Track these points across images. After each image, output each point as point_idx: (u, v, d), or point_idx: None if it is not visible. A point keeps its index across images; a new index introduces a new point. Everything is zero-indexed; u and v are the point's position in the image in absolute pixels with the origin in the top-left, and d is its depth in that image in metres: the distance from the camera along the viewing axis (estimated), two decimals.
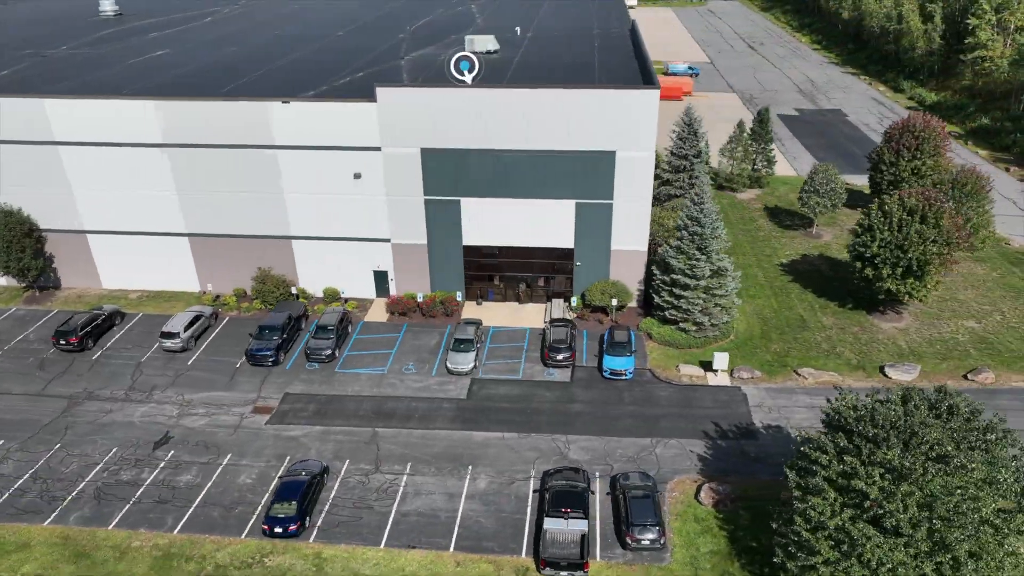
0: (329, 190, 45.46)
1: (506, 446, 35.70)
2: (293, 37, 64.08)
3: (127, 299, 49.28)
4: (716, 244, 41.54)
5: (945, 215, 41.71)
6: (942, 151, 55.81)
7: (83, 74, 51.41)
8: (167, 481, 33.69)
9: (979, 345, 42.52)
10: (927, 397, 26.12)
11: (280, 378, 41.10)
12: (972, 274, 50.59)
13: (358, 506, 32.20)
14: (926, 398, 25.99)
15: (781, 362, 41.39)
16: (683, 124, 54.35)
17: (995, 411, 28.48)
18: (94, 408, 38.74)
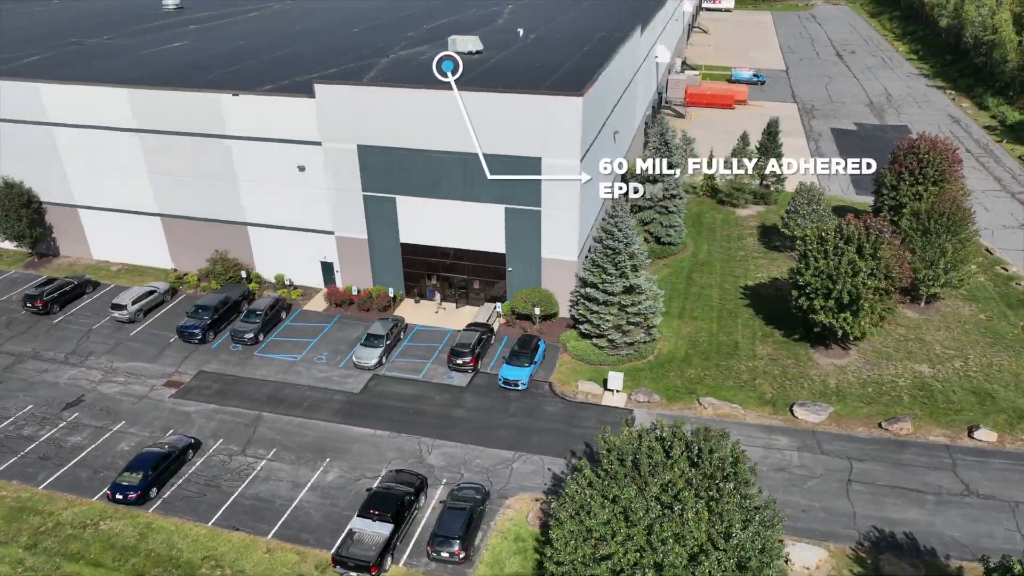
0: (278, 181, 47.39)
1: (372, 443, 36.19)
2: (307, 32, 66.73)
3: (109, 270, 53.44)
4: (630, 260, 39.99)
5: (884, 246, 38.14)
6: (950, 177, 50.85)
7: (97, 62, 55.89)
8: (57, 440, 36.59)
9: (917, 392, 38.66)
10: (684, 436, 24.33)
11: (203, 356, 43.41)
12: (955, 314, 45.90)
13: (208, 484, 33.73)
14: (683, 436, 24.22)
15: (689, 388, 39.39)
16: (657, 136, 52.38)
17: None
18: (32, 367, 42.48)
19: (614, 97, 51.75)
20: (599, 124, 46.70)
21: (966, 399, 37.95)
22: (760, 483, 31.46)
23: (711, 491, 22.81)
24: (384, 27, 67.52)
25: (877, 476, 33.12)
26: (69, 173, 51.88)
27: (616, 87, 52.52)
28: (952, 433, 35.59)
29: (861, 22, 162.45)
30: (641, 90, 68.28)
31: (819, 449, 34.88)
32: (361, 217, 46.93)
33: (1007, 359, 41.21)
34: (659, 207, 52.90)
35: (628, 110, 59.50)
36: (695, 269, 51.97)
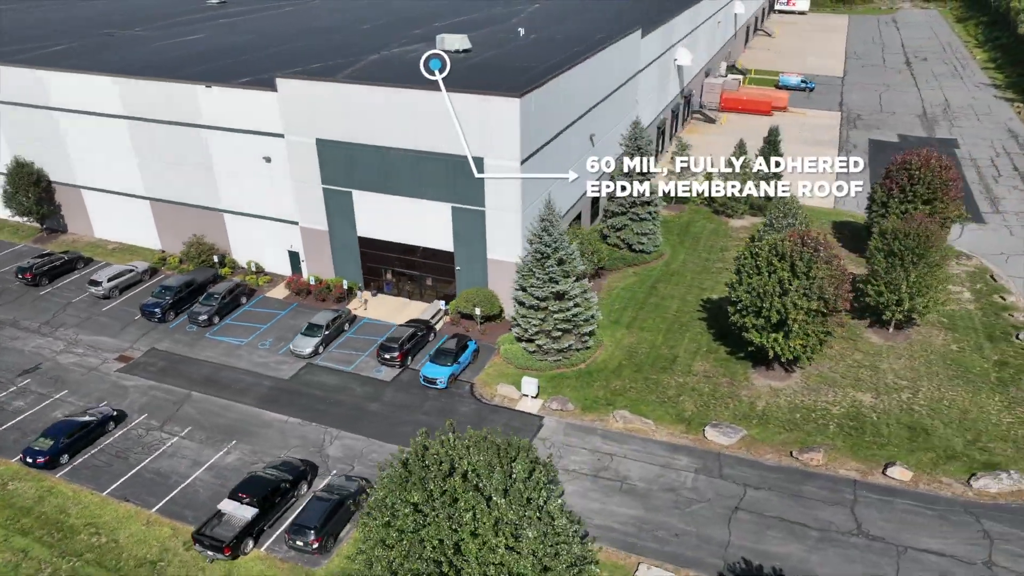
0: (248, 171, 49.18)
1: (280, 430, 37.22)
2: (320, 28, 68.64)
3: (105, 248, 56.82)
4: (558, 265, 39.40)
5: (817, 265, 36.10)
6: (944, 196, 47.57)
7: (112, 52, 59.35)
8: (1, 402, 39.35)
9: (847, 422, 36.45)
10: (494, 442, 23.78)
11: (159, 334, 45.64)
12: (924, 342, 42.92)
13: (118, 455, 35.57)
14: (493, 443, 23.69)
15: (608, 400, 38.51)
16: (628, 139, 51.14)
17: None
18: (6, 334, 45.79)
19: (588, 100, 50.83)
20: (558, 126, 46.08)
21: (898, 433, 35.51)
22: (644, 503, 30.80)
23: (505, 503, 22.27)
24: (398, 23, 68.57)
25: (768, 506, 31.52)
26: (71, 155, 55.43)
27: (593, 90, 51.60)
28: (866, 468, 33.41)
29: (945, 27, 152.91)
30: (648, 93, 66.70)
31: (718, 473, 33.47)
32: (322, 209, 48.10)
33: (963, 395, 38.28)
34: (631, 213, 51.72)
35: (619, 112, 58.29)
36: (663, 279, 50.59)
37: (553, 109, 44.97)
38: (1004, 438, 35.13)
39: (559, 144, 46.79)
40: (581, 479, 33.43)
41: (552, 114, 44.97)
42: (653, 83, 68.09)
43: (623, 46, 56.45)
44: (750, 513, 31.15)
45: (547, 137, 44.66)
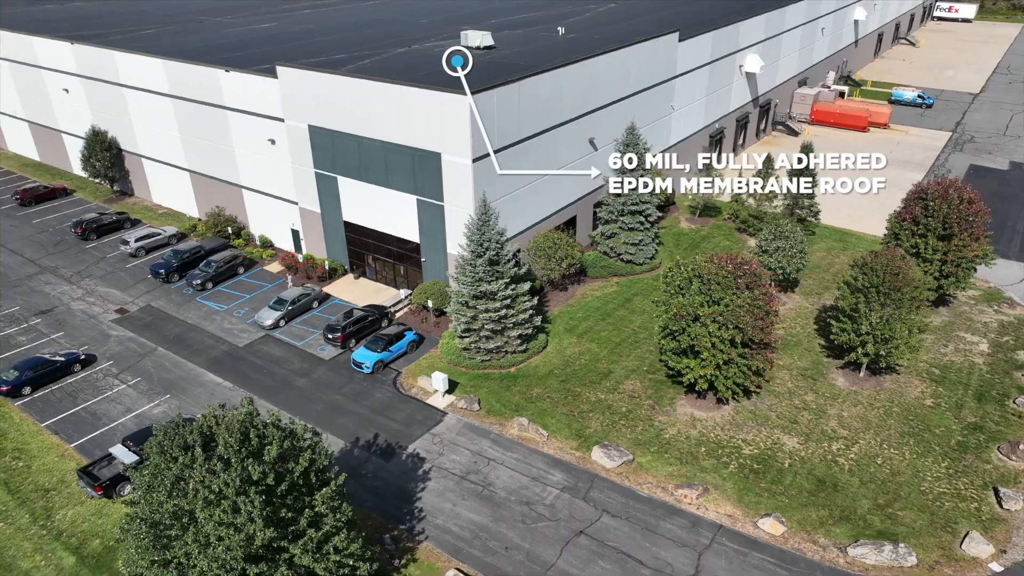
0: (259, 151, 52.91)
1: (211, 391, 40.19)
2: (378, 20, 71.76)
3: (155, 212, 63.22)
4: (487, 266, 39.34)
5: (743, 297, 33.52)
6: (961, 232, 42.31)
7: (186, 36, 65.64)
8: (8, 336, 45.36)
9: (753, 465, 33.71)
10: (253, 424, 24.43)
11: (160, 293, 50.42)
12: (894, 391, 38.59)
13: (69, 394, 40.06)
14: (248, 424, 24.36)
15: (518, 406, 38.08)
16: (622, 144, 49.43)
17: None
18: (44, 279, 52.46)
19: (585, 103, 49.68)
20: (535, 127, 45.55)
21: (800, 485, 32.40)
22: (494, 512, 30.79)
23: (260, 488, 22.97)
24: (456, 20, 70.07)
25: (614, 536, 30.04)
26: (135, 127, 62.05)
27: (594, 92, 50.35)
28: (740, 515, 30.86)
29: None
30: (693, 99, 63.89)
31: (584, 494, 32.28)
32: (315, 192, 50.81)
33: (905, 455, 34.16)
34: (621, 222, 50.17)
35: (648, 116, 56.34)
36: (643, 292, 48.73)
37: (528, 110, 44.54)
38: (923, 508, 31.08)
39: (538, 145, 46.28)
40: (447, 478, 33.50)
41: (527, 114, 44.55)
42: (701, 89, 65.01)
43: (643, 49, 54.47)
44: (592, 540, 29.87)
45: (516, 137, 44.36)
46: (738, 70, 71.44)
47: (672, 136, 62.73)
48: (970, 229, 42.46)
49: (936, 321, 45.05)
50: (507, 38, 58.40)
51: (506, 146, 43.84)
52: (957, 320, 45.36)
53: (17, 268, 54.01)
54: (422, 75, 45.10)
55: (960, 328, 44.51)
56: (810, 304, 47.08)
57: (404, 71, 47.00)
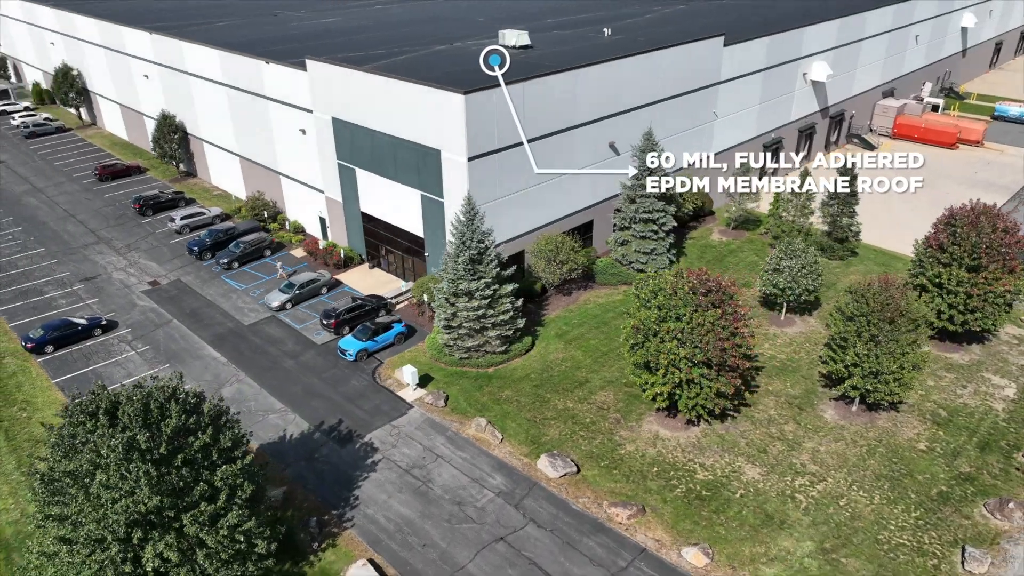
0: (293, 140, 55.30)
1: (206, 363, 42.54)
2: (440, 17, 73.10)
3: (210, 193, 67.29)
4: (468, 265, 39.49)
5: (707, 316, 32.03)
6: (988, 263, 38.71)
7: (252, 29, 69.30)
8: (51, 299, 49.70)
9: (702, 491, 32.20)
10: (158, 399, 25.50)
11: (192, 269, 53.73)
12: (884, 431, 35.80)
13: (84, 356, 43.47)
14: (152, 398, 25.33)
15: (484, 407, 38.08)
16: (638, 150, 48.06)
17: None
18: (97, 248, 57.05)
19: (604, 107, 48.72)
20: (542, 128, 45.10)
21: (745, 517, 30.69)
22: (424, 508, 31.34)
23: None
24: (512, 19, 70.48)
25: (532, 547, 29.55)
26: (198, 112, 66.25)
27: (615, 97, 49.28)
28: (669, 541, 29.58)
29: None
30: (743, 106, 61.33)
31: (517, 501, 31.92)
32: (337, 182, 52.57)
33: (874, 500, 31.66)
34: (634, 229, 48.99)
35: (684, 121, 54.81)
36: None
37: (536, 111, 44.18)
38: (872, 558, 28.73)
39: (548, 147, 45.86)
40: (392, 470, 34.00)
41: (533, 116, 44.21)
42: (753, 96, 62.23)
43: (677, 53, 52.74)
44: (510, 548, 29.52)
45: (519, 138, 44.11)
46: (802, 78, 67.76)
47: (715, 143, 60.37)
48: (1002, 261, 38.61)
49: (963, 359, 41.38)
50: (552, 38, 58.09)
51: (506, 147, 43.68)
52: (988, 360, 41.42)
53: (79, 237, 58.96)
54: (443, 73, 45.55)
55: (988, 369, 40.63)
56: (825, 329, 44.20)
57: (427, 68, 47.51)
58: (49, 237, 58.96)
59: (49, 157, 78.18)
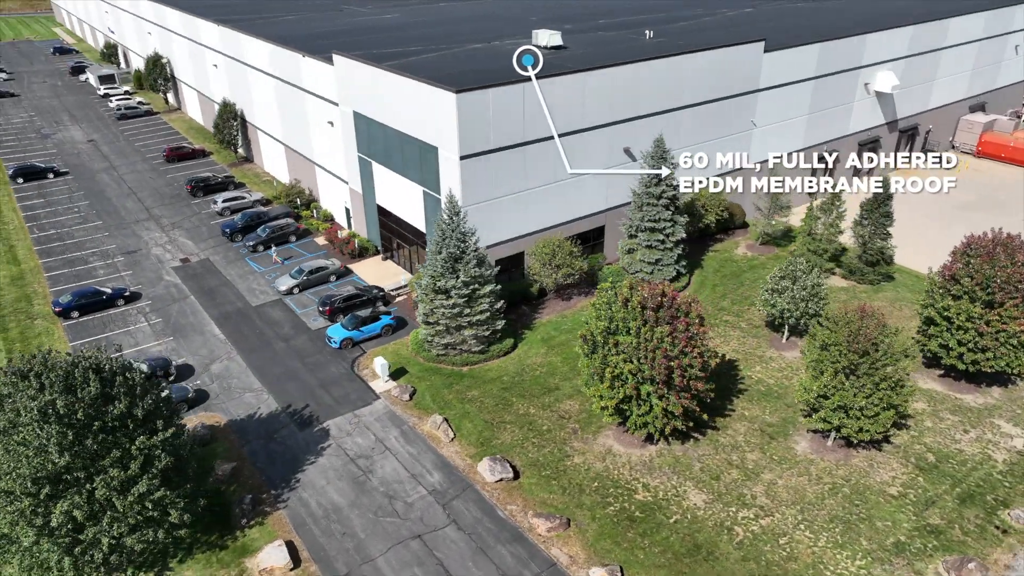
0: (324, 131, 57.31)
1: (206, 340, 44.82)
2: (493, 15, 73.56)
3: (259, 179, 70.68)
4: (447, 261, 39.75)
5: (656, 332, 30.86)
6: (1005, 300, 35.32)
7: (316, 24, 72.16)
8: (92, 268, 53.74)
9: (635, 512, 31.06)
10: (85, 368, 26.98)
11: (222, 249, 56.72)
12: (859, 470, 33.35)
13: (103, 323, 46.82)
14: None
15: (446, 404, 38.24)
16: (649, 156, 46.63)
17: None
18: (146, 225, 61.16)
19: (611, 112, 47.58)
20: (538, 131, 44.65)
21: (672, 544, 29.39)
22: (357, 498, 32.15)
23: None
24: (564, 18, 70.01)
25: (445, 549, 29.43)
26: (254, 101, 69.71)
27: (632, 100, 48.09)
28: (583, 558, 28.71)
29: None
30: (788, 114, 58.44)
31: (446, 501, 31.92)
32: (358, 174, 54.04)
33: (819, 543, 29.58)
34: (640, 237, 47.69)
35: (716, 128, 52.96)
36: None
37: (537, 113, 43.80)
38: None
39: (550, 150, 45.38)
40: (339, 457, 34.77)
41: (534, 118, 43.85)
42: (800, 105, 59.08)
43: (705, 58, 50.77)
44: (423, 547, 29.58)
45: (519, 140, 43.84)
46: (863, 88, 63.66)
47: (754, 154, 57.68)
48: (1021, 298, 35.00)
49: (975, 401, 37.91)
50: (593, 39, 57.42)
51: (507, 146, 43.53)
52: (1005, 405, 37.73)
53: (134, 213, 63.43)
54: (463, 71, 45.99)
55: (1002, 415, 37.01)
56: None
57: (449, 65, 48.05)
58: (108, 211, 63.71)
59: (132, 138, 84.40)
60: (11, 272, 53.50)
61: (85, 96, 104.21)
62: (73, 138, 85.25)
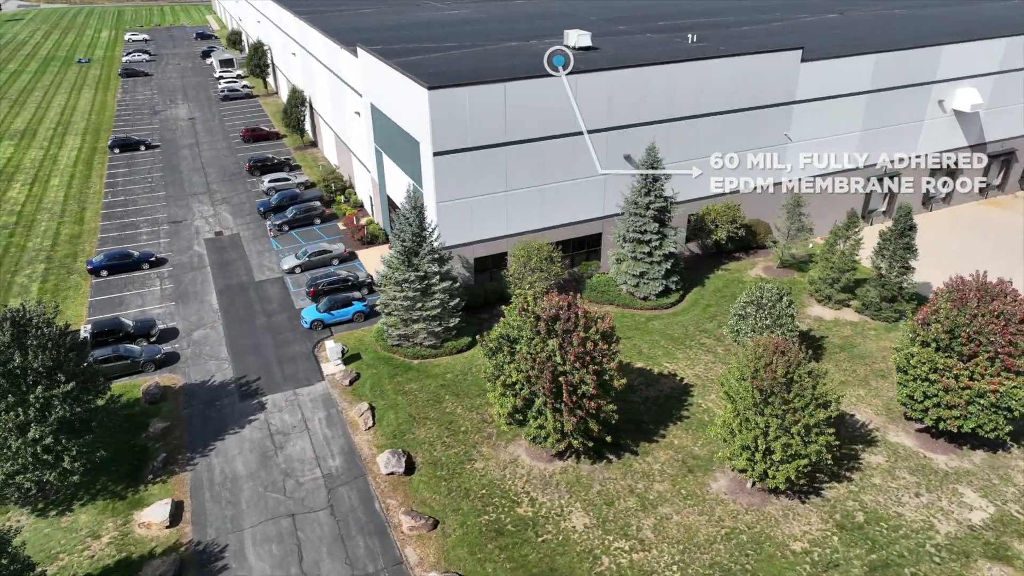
0: (355, 121, 59.64)
1: (200, 308, 48.12)
2: (556, 13, 73.06)
3: (317, 162, 74.49)
4: (403, 255, 40.42)
5: (543, 345, 29.98)
6: (976, 353, 31.30)
7: (384, 19, 75.01)
8: (137, 233, 59.13)
9: (506, 526, 30.32)
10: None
11: (253, 226, 60.49)
12: (769, 517, 30.78)
13: (125, 283, 51.41)
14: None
15: (381, 394, 38.94)
16: (641, 163, 44.75)
17: None
18: (202, 198, 66.25)
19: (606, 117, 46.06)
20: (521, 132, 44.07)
21: (528, 563, 28.45)
22: (257, 472, 34.03)
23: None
24: (627, 20, 68.52)
25: (310, 531, 30.16)
26: (316, 89, 73.44)
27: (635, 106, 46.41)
28: (432, 560, 28.44)
29: None
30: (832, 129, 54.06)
31: (334, 485, 32.63)
32: (375, 164, 55.84)
33: None
34: (628, 248, 46.06)
35: (741, 139, 50.22)
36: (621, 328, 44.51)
37: (519, 114, 43.36)
38: None
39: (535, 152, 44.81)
40: (260, 431, 36.37)
41: (516, 119, 43.43)
42: (851, 121, 54.43)
43: (720, 66, 47.95)
44: (291, 525, 30.48)
45: (500, 140, 43.58)
46: (937, 105, 57.61)
47: (790, 170, 53.95)
48: (995, 352, 30.69)
49: (947, 463, 33.80)
50: (630, 41, 56.06)
51: (487, 146, 43.43)
52: (981, 472, 33.32)
53: (196, 186, 68.93)
54: (475, 68, 46.69)
55: (972, 483, 32.71)
56: None
57: (462, 62, 48.96)
58: (175, 183, 69.60)
59: (226, 118, 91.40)
60: (72, 231, 59.88)
61: (205, 78, 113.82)
62: (178, 115, 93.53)
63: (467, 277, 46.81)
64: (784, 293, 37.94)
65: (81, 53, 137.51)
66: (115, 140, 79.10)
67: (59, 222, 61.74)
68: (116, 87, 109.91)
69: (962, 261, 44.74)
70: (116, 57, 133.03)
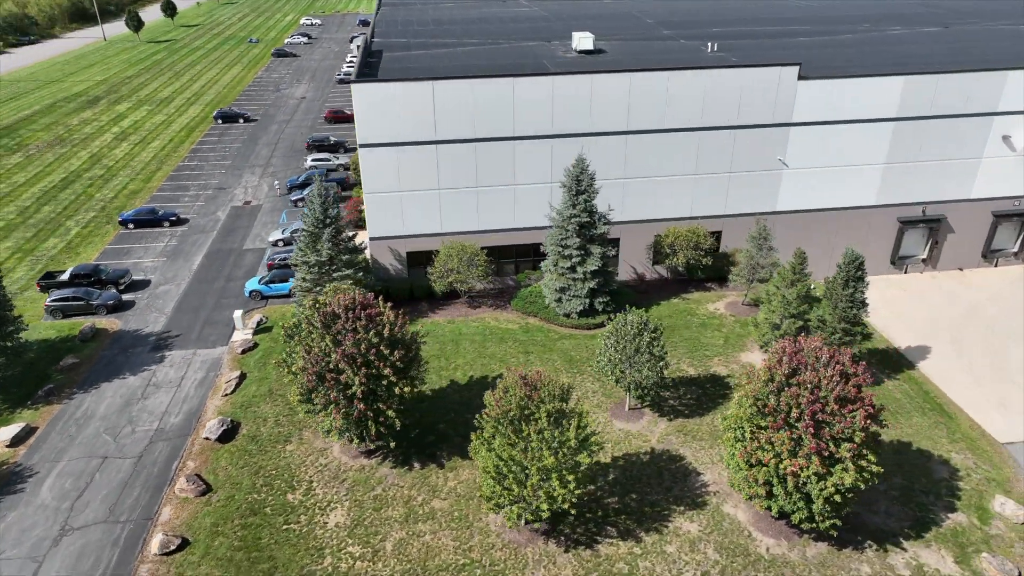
0: None
1: (178, 268, 53.22)
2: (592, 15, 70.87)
3: None
4: (303, 237, 42.27)
5: (319, 339, 30.36)
6: (780, 430, 27.30)
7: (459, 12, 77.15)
8: (182, 195, 66.32)
9: (265, 507, 31.19)
10: None
11: (279, 199, 65.51)
12: (518, 557, 29.04)
13: (143, 236, 58.15)
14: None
15: (263, 367, 41.10)
16: (569, 179, 42.45)
17: None
18: (256, 171, 72.58)
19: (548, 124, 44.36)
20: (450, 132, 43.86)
21: (263, 546, 29.17)
22: (118, 416, 37.61)
23: None
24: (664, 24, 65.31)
25: (107, 471, 33.03)
26: None
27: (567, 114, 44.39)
28: (177, 517, 30.03)
29: None
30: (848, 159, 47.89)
31: (158, 439, 35.21)
32: None
33: None
34: (550, 262, 44.24)
35: (734, 161, 46.51)
36: (521, 342, 43.08)
37: (451, 113, 43.25)
38: None
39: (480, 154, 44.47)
40: (142, 380, 39.67)
41: (447, 118, 43.36)
42: (873, 151, 47.81)
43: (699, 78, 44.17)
44: (98, 466, 33.42)
45: (431, 137, 43.73)
46: (1001, 141, 48.87)
47: (782, 198, 48.67)
48: (799, 432, 26.29)
49: (772, 551, 29.49)
50: (644, 48, 53.96)
51: (418, 142, 43.82)
52: (804, 570, 28.70)
53: (259, 159, 75.67)
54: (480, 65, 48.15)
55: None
56: (656, 428, 35.24)
57: (484, 59, 50.41)
58: (244, 155, 76.81)
59: (330, 100, 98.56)
60: (136, 187, 68.52)
61: (340, 62, 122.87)
62: (294, 94, 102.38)
63: (399, 270, 47.53)
64: (647, 326, 34.48)
65: (262, 35, 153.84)
66: (219, 112, 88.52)
67: (132, 179, 70.77)
68: (263, 66, 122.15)
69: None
70: (283, 39, 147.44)
